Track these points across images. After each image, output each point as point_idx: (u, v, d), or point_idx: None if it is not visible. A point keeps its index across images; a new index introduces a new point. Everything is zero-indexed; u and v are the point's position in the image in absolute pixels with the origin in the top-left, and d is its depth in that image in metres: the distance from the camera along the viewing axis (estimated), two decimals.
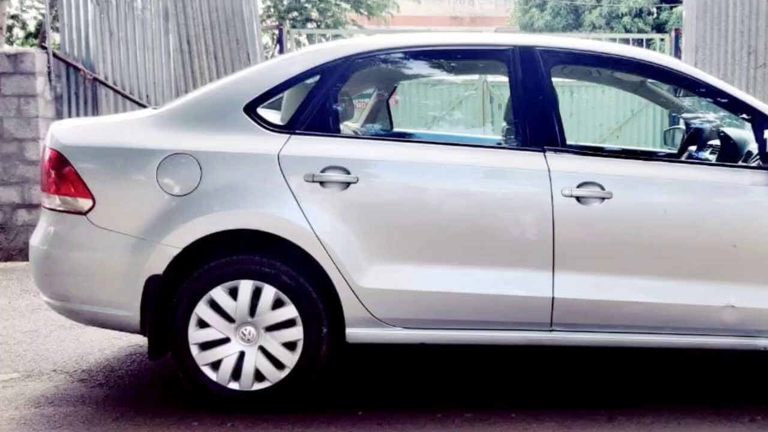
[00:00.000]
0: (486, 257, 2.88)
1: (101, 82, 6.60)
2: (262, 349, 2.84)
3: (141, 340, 3.17)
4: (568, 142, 2.89)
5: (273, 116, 2.75)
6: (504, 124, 3.11)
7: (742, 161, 3.03)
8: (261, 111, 2.82)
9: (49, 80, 6.44)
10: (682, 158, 3.49)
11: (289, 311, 2.85)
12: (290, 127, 2.88)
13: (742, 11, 6.44)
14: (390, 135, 3.54)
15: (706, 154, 3.41)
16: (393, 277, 2.87)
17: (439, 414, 2.71)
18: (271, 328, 2.85)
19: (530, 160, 2.90)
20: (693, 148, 3.59)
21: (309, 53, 2.94)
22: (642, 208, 2.90)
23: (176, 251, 2.78)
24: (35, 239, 2.85)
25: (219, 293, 2.81)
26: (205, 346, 2.82)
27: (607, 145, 4.79)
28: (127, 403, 2.74)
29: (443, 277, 2.88)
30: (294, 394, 2.82)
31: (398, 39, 2.99)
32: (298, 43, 10.02)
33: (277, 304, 2.84)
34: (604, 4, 16.40)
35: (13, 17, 13.59)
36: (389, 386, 3.12)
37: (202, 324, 2.80)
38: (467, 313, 2.88)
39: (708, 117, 3.45)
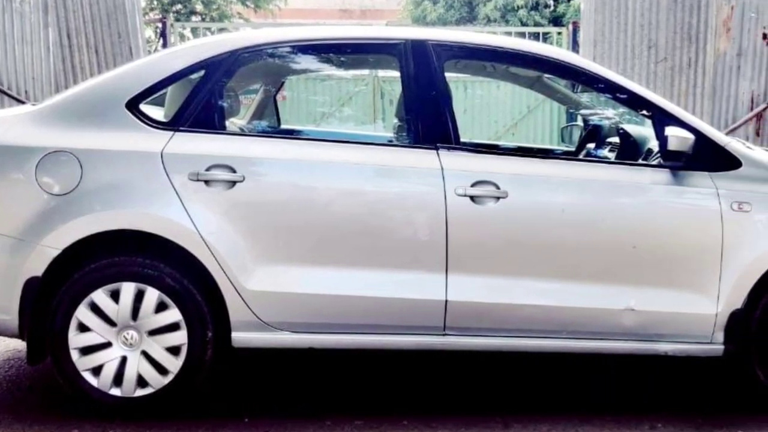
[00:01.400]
0: (377, 259, 3.37)
1: None
2: (144, 353, 3.32)
3: (20, 345, 3.61)
4: (462, 140, 3.49)
5: (156, 113, 3.24)
6: (395, 120, 3.72)
7: (643, 159, 3.78)
8: (144, 107, 3.41)
9: None
10: (580, 156, 4.02)
11: (173, 314, 3.32)
12: (174, 124, 3.41)
13: (642, 4, 7.22)
14: (277, 132, 4.13)
15: (605, 152, 3.94)
16: (280, 279, 3.34)
17: (328, 421, 3.37)
18: (154, 332, 3.32)
19: (423, 158, 3.40)
20: (591, 145, 4.12)
21: (193, 47, 3.45)
22: (538, 207, 3.41)
23: (56, 252, 3.25)
24: None
25: (100, 296, 3.29)
26: (86, 350, 3.31)
27: (502, 143, 5.39)
28: (5, 409, 3.27)
29: (332, 279, 3.36)
30: (178, 401, 3.36)
31: (286, 33, 3.53)
32: (182, 37, 11.04)
33: (161, 307, 3.31)
34: None
35: None
36: (279, 392, 3.72)
37: (83, 328, 3.30)
38: (357, 317, 3.39)
39: (607, 113, 3.98)
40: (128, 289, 3.28)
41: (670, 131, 3.37)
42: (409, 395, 3.70)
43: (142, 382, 3.32)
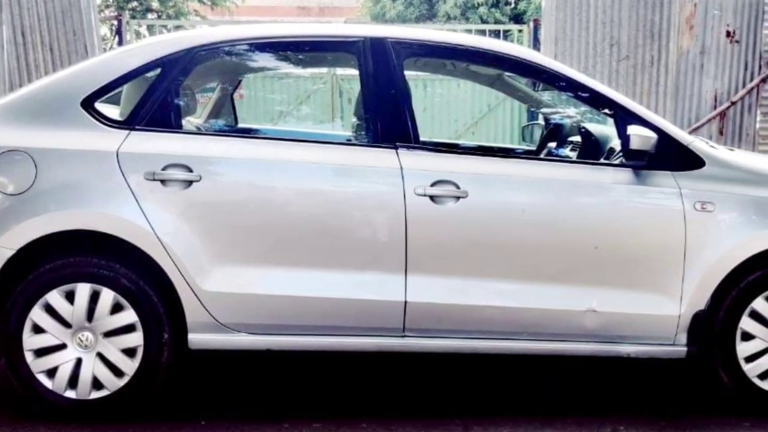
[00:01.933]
0: (335, 259, 3.61)
1: None
2: (100, 355, 3.55)
3: None
4: (422, 139, 3.76)
5: (112, 111, 3.44)
6: (354, 119, 4.00)
7: (605, 158, 3.93)
8: (99, 106, 3.68)
9: None
10: (542, 155, 4.23)
11: (129, 316, 3.55)
12: (130, 123, 3.66)
13: (604, 1, 7.81)
14: (234, 131, 4.42)
15: (566, 151, 4.18)
16: (237, 280, 3.58)
17: (286, 424, 3.65)
18: (109, 334, 3.55)
19: (382, 157, 3.64)
20: (553, 144, 4.34)
21: (149, 45, 3.68)
22: (499, 207, 3.66)
23: (10, 252, 3.48)
24: None
25: (55, 297, 3.51)
26: (41, 352, 3.54)
27: (462, 142, 5.65)
28: None
29: (290, 280, 3.59)
30: (134, 403, 3.60)
31: (243, 30, 3.77)
32: (138, 35, 11.74)
33: (116, 308, 3.54)
34: None
35: None
36: (236, 394, 3.98)
37: (38, 329, 3.53)
38: (316, 318, 3.64)
39: (568, 112, 4.17)
40: (83, 290, 3.50)
41: (633, 130, 3.64)
42: (368, 397, 3.95)
43: (97, 384, 3.55)
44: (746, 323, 3.66)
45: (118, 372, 3.53)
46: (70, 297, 3.49)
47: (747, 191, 3.67)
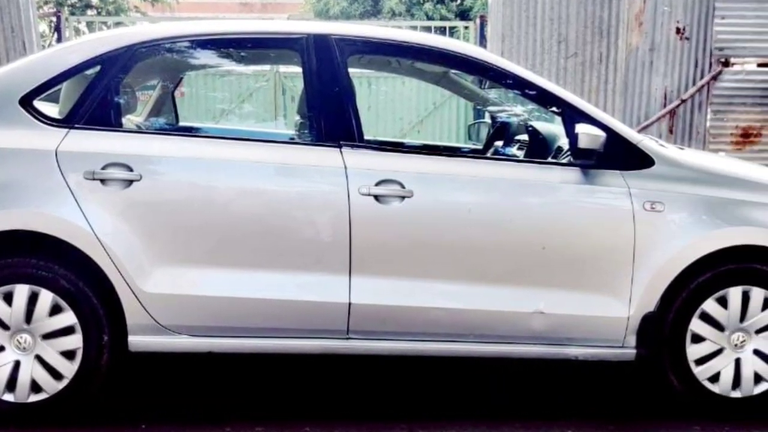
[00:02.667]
0: (278, 260, 3.93)
1: None
2: (38, 358, 3.86)
3: None
4: (366, 138, 4.31)
5: (51, 109, 3.61)
6: (298, 117, 4.28)
7: (552, 158, 4.09)
8: (38, 104, 4.05)
9: None
10: (488, 154, 4.47)
11: (68, 318, 3.84)
12: (69, 121, 3.99)
13: None
14: (175, 129, 4.82)
15: (513, 150, 4.45)
16: (178, 281, 3.91)
17: (228, 428, 4.00)
18: (48, 336, 3.86)
19: (325, 156, 3.97)
20: (499, 143, 4.63)
21: (89, 42, 3.97)
22: (445, 207, 4.00)
23: None
24: None
25: None
26: None
27: (407, 141, 6.01)
28: None
29: (232, 281, 3.91)
30: (74, 406, 3.91)
31: (184, 27, 4.01)
32: (78, 32, 12.48)
33: (55, 310, 3.84)
34: None
35: None
36: (177, 397, 4.32)
37: None
38: (258, 320, 3.97)
39: (515, 110, 4.40)
40: (21, 291, 3.80)
41: (581, 128, 3.98)
42: (312, 399, 4.24)
43: (36, 387, 3.87)
44: (696, 325, 4.03)
45: (57, 375, 3.86)
46: (8, 298, 3.78)
47: (697, 191, 3.97)
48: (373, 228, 3.89)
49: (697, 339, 3.98)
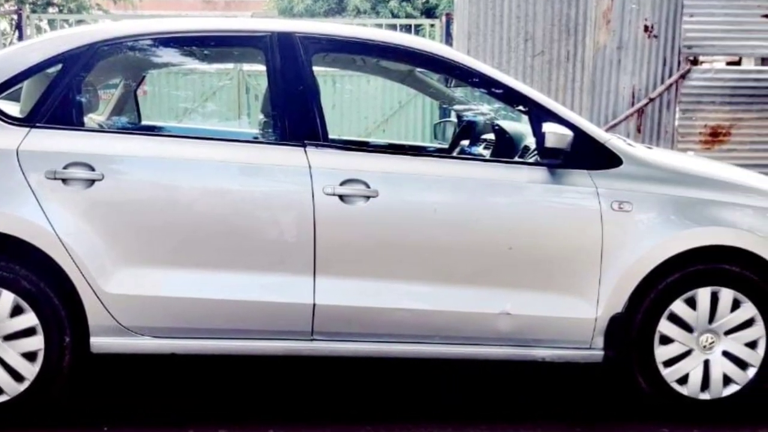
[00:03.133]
0: (242, 261, 4.09)
1: None
2: None
3: None
4: (331, 137, 4.31)
5: (12, 108, 3.73)
6: (261, 117, 4.42)
7: (519, 157, 4.20)
8: None
9: None
10: (454, 154, 4.60)
11: (29, 319, 3.98)
12: (30, 120, 4.14)
13: None
14: (138, 128, 4.98)
15: (479, 150, 4.60)
16: (141, 282, 4.06)
17: (191, 429, 4.32)
18: (9, 338, 3.99)
19: (289, 155, 4.12)
20: (466, 142, 4.77)
21: (50, 40, 4.11)
22: (410, 207, 4.16)
23: None
24: None
25: None
26: None
27: (372, 140, 6.08)
28: None
29: (195, 282, 4.07)
30: (35, 408, 4.03)
31: (147, 25, 4.16)
32: (39, 29, 12.76)
33: (16, 311, 3.97)
34: None
35: None
36: (141, 398, 4.48)
37: None
38: (221, 321, 4.14)
39: (482, 109, 4.54)
40: None
41: (548, 128, 4.12)
42: (276, 401, 4.42)
43: None
44: (665, 326, 4.18)
45: (18, 376, 3.99)
46: None
47: (666, 190, 4.12)
48: (337, 228, 4.02)
49: (666, 340, 4.14)
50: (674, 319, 4.14)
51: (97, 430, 4.02)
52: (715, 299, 4.14)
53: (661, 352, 4.13)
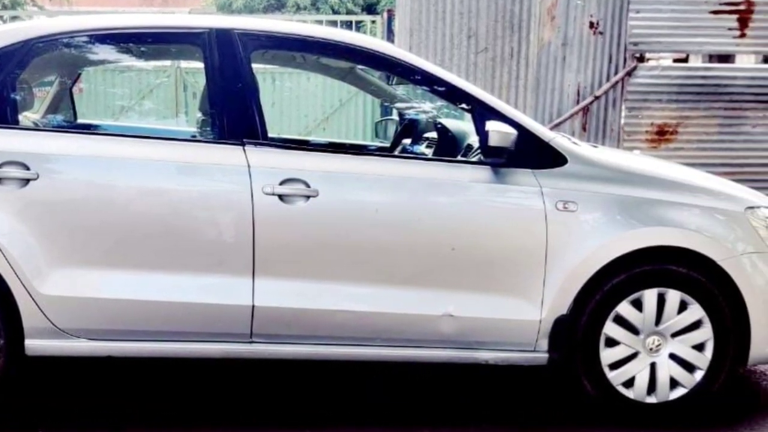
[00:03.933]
0: (179, 262, 4.37)
1: None
2: None
3: None
4: (270, 135, 4.56)
5: None
6: (199, 114, 4.73)
7: (462, 156, 4.38)
8: None
9: None
10: (396, 152, 4.78)
11: None
12: None
13: None
14: (74, 127, 5.23)
15: (421, 148, 4.84)
16: (77, 283, 4.32)
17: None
18: None
19: (228, 154, 4.39)
20: (407, 141, 5.02)
21: None
22: (351, 207, 4.44)
23: None
24: None
25: None
26: None
27: (312, 138, 6.31)
28: None
29: (132, 283, 4.34)
30: None
31: (82, 21, 4.43)
32: None
33: None
34: None
35: None
36: (79, 400, 4.72)
37: None
38: (159, 323, 4.41)
39: (424, 107, 4.76)
40: None
41: (491, 126, 4.35)
42: (214, 403, 4.78)
43: None
44: (610, 328, 4.44)
45: None
46: None
47: (611, 190, 4.39)
48: (277, 228, 4.25)
49: (611, 343, 4.37)
50: (620, 321, 4.36)
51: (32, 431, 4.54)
52: (662, 301, 4.37)
53: (607, 355, 4.35)
